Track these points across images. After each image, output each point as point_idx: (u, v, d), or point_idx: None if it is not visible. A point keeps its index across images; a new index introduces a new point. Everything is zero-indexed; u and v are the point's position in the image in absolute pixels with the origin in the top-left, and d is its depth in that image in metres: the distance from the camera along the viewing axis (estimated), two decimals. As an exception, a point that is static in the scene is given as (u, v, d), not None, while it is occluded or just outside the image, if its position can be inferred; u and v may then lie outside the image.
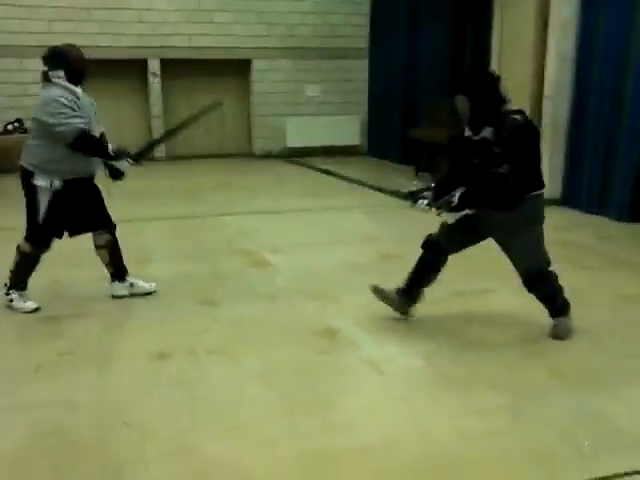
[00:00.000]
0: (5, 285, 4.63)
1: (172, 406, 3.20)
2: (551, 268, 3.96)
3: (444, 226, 4.11)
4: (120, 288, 4.80)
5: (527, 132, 3.74)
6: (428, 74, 11.05)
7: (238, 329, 4.21)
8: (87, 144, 4.34)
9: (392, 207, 7.99)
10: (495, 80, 3.82)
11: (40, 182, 4.37)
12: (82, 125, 4.27)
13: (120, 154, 4.46)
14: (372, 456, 2.78)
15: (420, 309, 4.48)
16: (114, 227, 4.78)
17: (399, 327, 4.18)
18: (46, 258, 5.68)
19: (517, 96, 8.12)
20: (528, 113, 7.82)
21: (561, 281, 4.93)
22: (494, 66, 8.84)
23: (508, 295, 4.79)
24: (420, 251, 4.24)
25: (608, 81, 7.25)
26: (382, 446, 2.86)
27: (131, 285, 4.82)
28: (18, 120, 11.40)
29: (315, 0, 12.84)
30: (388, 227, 7.10)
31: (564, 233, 6.72)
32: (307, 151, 12.88)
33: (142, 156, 4.64)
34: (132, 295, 4.78)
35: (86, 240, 5.56)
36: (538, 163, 3.88)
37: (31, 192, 4.42)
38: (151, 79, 12.38)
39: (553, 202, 7.94)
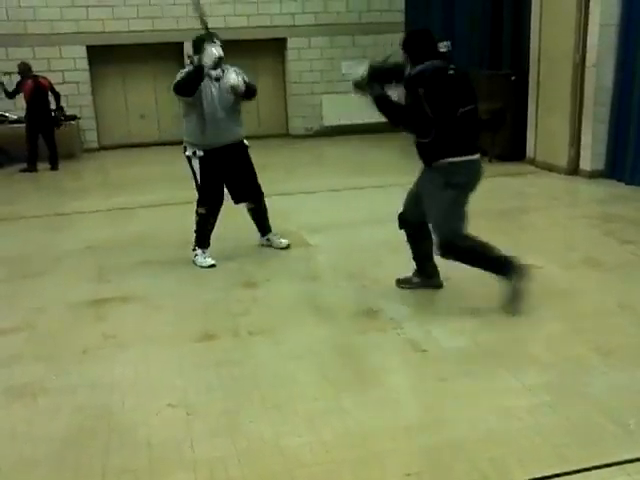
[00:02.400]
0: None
1: (217, 387, 3.25)
2: (468, 240, 3.94)
3: (405, 199, 4.27)
4: (260, 240, 5.66)
5: (432, 81, 3.77)
6: (466, 46, 10.83)
7: (279, 310, 4.25)
8: (178, 87, 4.96)
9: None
10: (431, 41, 3.98)
11: (188, 152, 5.14)
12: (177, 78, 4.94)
13: (199, 64, 4.89)
14: (416, 435, 2.79)
15: (464, 287, 4.46)
16: (260, 196, 5.53)
17: (441, 306, 4.17)
18: (92, 245, 5.84)
19: (560, 65, 7.99)
20: (570, 82, 7.77)
21: (606, 256, 4.86)
22: (535, 36, 8.63)
23: (554, 271, 4.74)
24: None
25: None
26: (425, 425, 2.87)
27: (267, 240, 5.62)
28: (60, 108, 11.56)
29: (349, -26, 12.71)
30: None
31: (608, 206, 6.59)
32: (345, 129, 12.79)
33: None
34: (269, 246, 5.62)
35: (128, 226, 5.66)
36: (463, 129, 3.84)
37: (189, 162, 5.17)
38: (187, 61, 12.39)
39: (597, 174, 7.79)
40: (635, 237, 5.43)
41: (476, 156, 3.95)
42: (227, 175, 5.21)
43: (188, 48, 12.17)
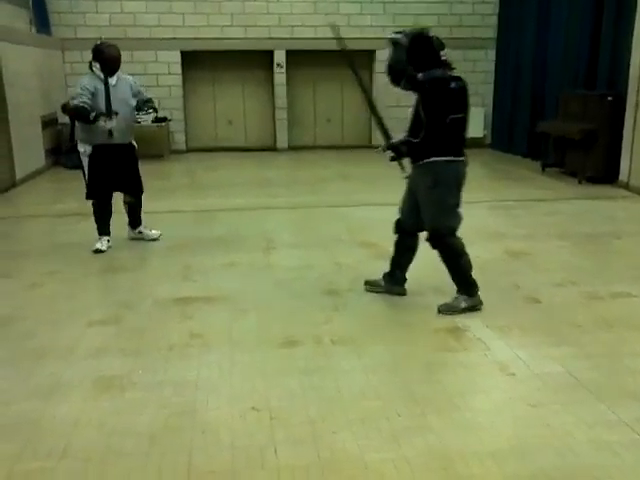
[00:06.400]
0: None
1: (300, 394, 3.24)
2: (458, 240, 4.28)
3: (403, 206, 4.52)
4: (131, 233, 6.18)
5: (437, 92, 4.02)
6: (560, 65, 10.54)
7: (363, 320, 4.21)
8: (72, 113, 5.67)
9: (521, 203, 7.71)
10: (428, 45, 4.10)
11: (79, 148, 5.72)
12: (76, 102, 5.48)
13: (98, 116, 5.46)
14: (503, 461, 2.69)
15: (550, 311, 4.32)
16: (141, 192, 6.02)
17: (531, 329, 4.02)
18: (177, 245, 5.95)
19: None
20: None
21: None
22: (636, 55, 8.30)
23: (649, 301, 4.51)
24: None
25: None
26: (513, 451, 2.76)
27: (139, 232, 6.14)
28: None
29: (441, -11, 12.60)
30: (516, 223, 6.84)
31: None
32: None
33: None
34: (140, 239, 6.13)
35: (212, 228, 5.72)
36: (452, 132, 4.09)
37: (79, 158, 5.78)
38: (277, 69, 12.59)
39: None
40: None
41: (460, 158, 4.18)
42: (114, 171, 5.73)
43: (278, 56, 12.46)
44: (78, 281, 5.05)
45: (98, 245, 5.77)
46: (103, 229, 5.86)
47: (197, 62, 12.41)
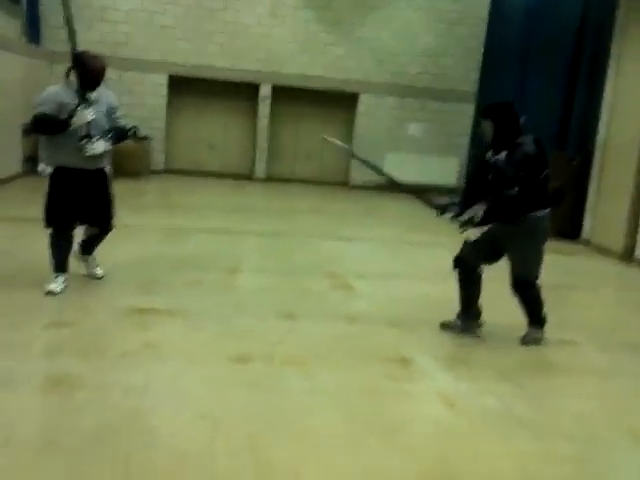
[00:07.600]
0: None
1: (245, 408, 3.32)
2: (537, 284, 4.55)
3: (467, 244, 4.57)
4: (77, 254, 5.22)
5: (535, 160, 4.26)
6: (533, 125, 10.88)
7: (314, 345, 4.30)
8: (36, 124, 4.71)
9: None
10: (516, 114, 4.39)
11: (38, 168, 4.98)
12: (36, 111, 4.65)
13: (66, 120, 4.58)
14: (431, 484, 2.79)
15: (499, 351, 4.46)
16: (109, 230, 5.18)
17: (474, 365, 4.16)
18: (143, 259, 6.00)
19: (627, 152, 7.98)
20: (634, 169, 7.76)
21: None
22: (604, 122, 8.69)
23: (591, 350, 4.69)
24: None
25: None
26: (445, 477, 2.87)
27: (84, 261, 5.30)
28: (133, 127, 12.03)
29: (427, 41, 13.00)
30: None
31: None
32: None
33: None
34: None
35: (182, 246, 5.80)
36: (543, 188, 4.36)
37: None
38: (261, 103, 12.81)
39: None
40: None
41: (547, 210, 4.45)
42: (80, 198, 4.85)
43: (264, 90, 12.69)
44: (38, 285, 5.04)
45: (52, 286, 4.82)
46: (60, 265, 4.90)
47: (184, 87, 12.60)
